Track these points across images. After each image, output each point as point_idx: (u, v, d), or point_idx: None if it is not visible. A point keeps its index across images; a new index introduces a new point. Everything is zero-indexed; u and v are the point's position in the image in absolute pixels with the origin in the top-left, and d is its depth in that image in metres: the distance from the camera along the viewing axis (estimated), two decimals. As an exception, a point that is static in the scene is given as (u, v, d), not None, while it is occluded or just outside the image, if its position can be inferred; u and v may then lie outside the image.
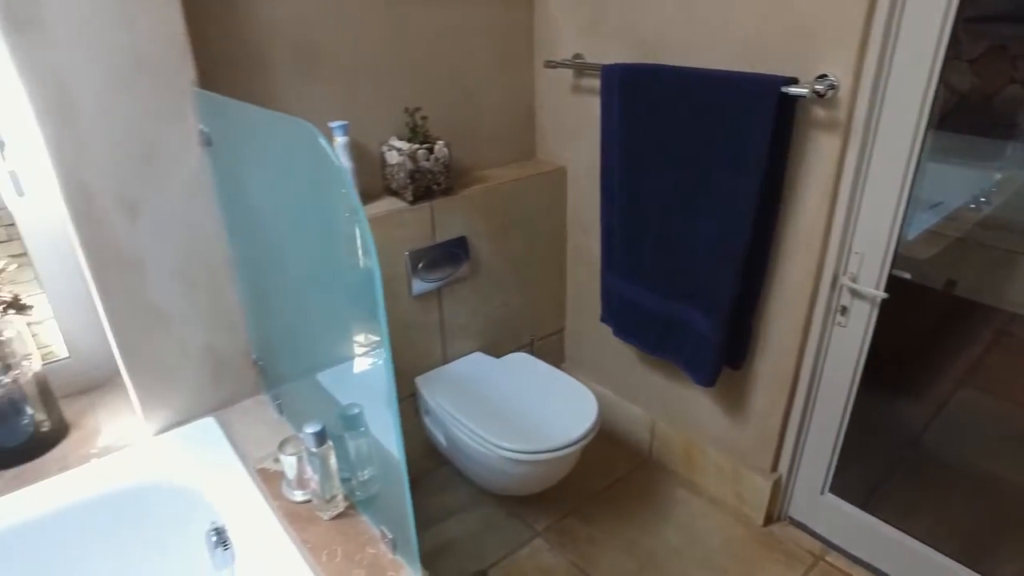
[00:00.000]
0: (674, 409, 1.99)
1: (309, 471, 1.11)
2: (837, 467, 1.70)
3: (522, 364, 1.91)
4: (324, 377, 1.26)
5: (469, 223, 1.82)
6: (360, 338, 1.05)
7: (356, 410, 1.10)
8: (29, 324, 1.43)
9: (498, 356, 1.96)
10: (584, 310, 2.17)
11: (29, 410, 1.33)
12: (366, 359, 1.06)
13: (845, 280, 1.50)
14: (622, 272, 1.80)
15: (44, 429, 1.36)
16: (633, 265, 1.76)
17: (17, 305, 1.27)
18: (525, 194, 1.94)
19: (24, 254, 1.44)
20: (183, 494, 1.26)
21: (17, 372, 1.30)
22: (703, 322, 1.62)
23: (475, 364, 1.92)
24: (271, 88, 1.52)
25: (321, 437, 1.08)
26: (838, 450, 1.68)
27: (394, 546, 1.08)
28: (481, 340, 2.01)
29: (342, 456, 1.14)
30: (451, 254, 1.79)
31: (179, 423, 1.41)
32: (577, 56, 1.81)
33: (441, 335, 1.91)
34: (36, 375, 1.34)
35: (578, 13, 1.79)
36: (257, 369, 1.47)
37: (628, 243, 1.74)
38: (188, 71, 1.21)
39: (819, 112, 1.38)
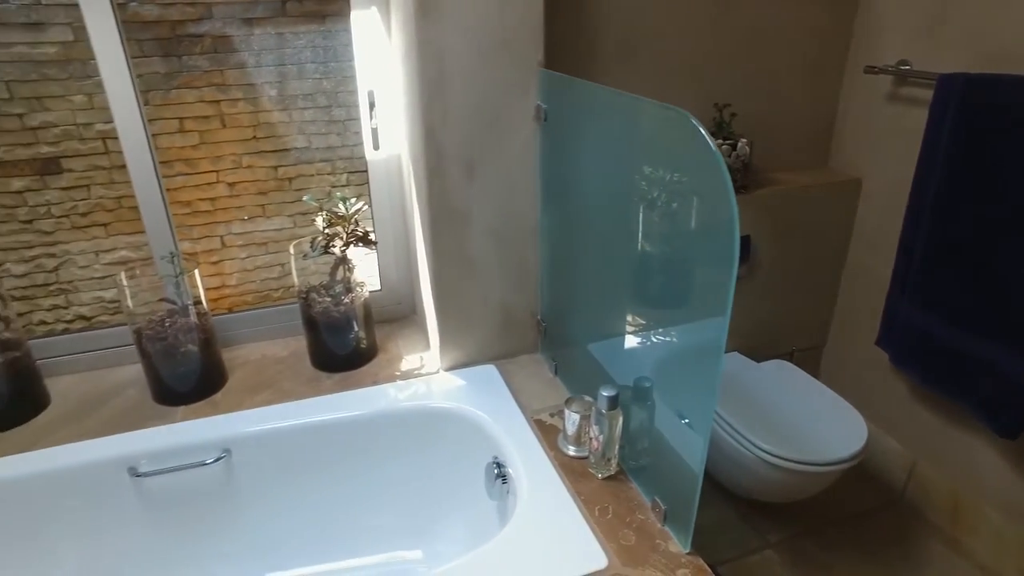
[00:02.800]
0: (945, 453, 1.81)
1: (594, 430, 1.20)
2: None
3: (784, 372, 1.86)
4: (604, 348, 1.34)
5: (755, 224, 1.81)
6: (665, 317, 1.10)
7: (648, 384, 1.16)
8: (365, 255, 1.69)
9: (756, 361, 1.92)
10: (851, 330, 2.04)
11: (356, 327, 1.58)
12: (664, 338, 1.11)
13: None
14: (916, 298, 1.66)
15: (362, 346, 1.61)
16: (932, 292, 1.62)
17: (366, 240, 1.51)
18: (814, 202, 1.87)
19: (367, 195, 1.71)
20: (469, 426, 1.42)
21: (353, 295, 1.56)
22: (1017, 364, 1.45)
23: (733, 363, 1.91)
24: (594, 73, 1.63)
25: (614, 401, 1.16)
26: None
27: (664, 517, 1.13)
28: (741, 341, 1.99)
29: (623, 423, 1.21)
30: (733, 252, 1.79)
31: (465, 364, 1.59)
32: (902, 62, 1.69)
33: (706, 329, 1.93)
34: (364, 300, 1.59)
35: (912, 14, 1.67)
36: (539, 329, 1.60)
37: (931, 268, 1.61)
38: (538, 52, 1.34)
39: None
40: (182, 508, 1.41)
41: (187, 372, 1.48)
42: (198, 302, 1.51)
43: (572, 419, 1.27)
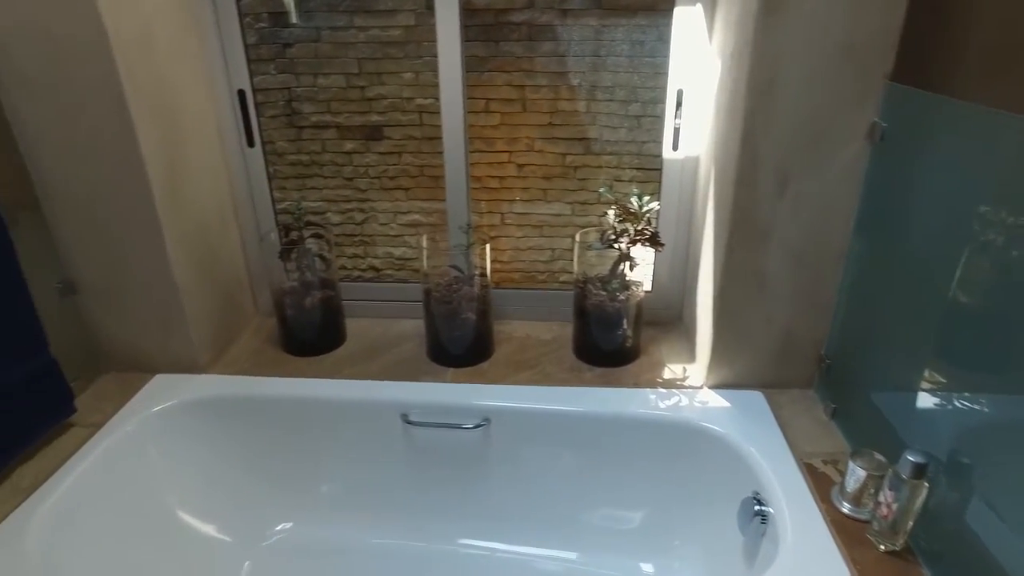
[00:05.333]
0: None
1: (888, 495, 1.05)
2: None
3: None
4: (904, 402, 1.17)
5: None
6: (1012, 384, 0.92)
7: (966, 460, 0.99)
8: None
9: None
10: None
11: (625, 325, 1.56)
12: (1003, 410, 0.93)
13: None
14: None
15: (628, 345, 1.60)
16: None
17: (654, 240, 1.48)
18: None
19: (653, 195, 1.68)
20: (730, 452, 1.34)
21: (630, 293, 1.54)
22: None
23: None
24: (945, 89, 1.42)
25: (921, 470, 1.00)
26: None
27: (965, 620, 0.96)
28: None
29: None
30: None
31: (731, 386, 1.49)
32: None
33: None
34: (639, 300, 1.57)
35: None
36: (821, 365, 1.45)
37: None
38: (886, 64, 1.19)
39: None
40: (438, 461, 1.52)
41: (463, 337, 1.59)
42: (483, 274, 1.60)
43: (857, 475, 1.13)
